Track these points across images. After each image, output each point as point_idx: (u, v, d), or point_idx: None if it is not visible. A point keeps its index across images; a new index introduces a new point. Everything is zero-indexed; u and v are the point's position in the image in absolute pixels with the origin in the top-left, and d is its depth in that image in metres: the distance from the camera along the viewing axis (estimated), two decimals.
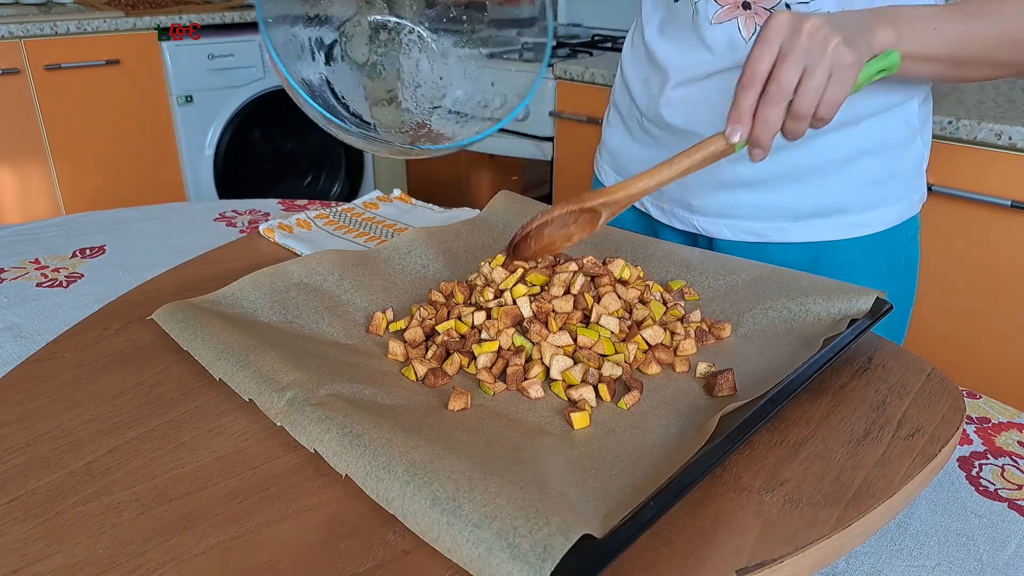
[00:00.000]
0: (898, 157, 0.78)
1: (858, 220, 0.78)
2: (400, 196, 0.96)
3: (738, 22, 0.72)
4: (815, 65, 0.54)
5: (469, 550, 0.37)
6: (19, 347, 0.67)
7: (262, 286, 0.63)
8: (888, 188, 0.78)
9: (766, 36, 0.55)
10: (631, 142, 0.88)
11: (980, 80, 0.70)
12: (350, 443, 0.44)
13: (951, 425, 0.49)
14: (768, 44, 0.55)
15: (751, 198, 0.79)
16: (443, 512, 0.39)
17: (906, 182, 0.79)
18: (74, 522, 0.42)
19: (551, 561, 0.35)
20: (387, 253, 0.72)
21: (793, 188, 0.78)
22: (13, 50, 2.13)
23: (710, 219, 0.82)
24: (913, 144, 0.79)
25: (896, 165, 0.78)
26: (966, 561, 0.45)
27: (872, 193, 0.78)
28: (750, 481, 0.45)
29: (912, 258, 0.84)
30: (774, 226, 0.80)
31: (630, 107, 0.87)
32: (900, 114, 0.76)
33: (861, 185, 0.77)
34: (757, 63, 0.55)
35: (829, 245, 0.79)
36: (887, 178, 0.78)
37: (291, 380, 0.49)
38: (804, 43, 0.54)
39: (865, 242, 0.79)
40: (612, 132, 0.93)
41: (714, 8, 0.72)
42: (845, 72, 0.54)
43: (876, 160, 0.76)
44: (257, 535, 0.41)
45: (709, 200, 0.81)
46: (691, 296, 0.66)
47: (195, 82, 2.45)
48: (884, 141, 0.76)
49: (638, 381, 0.54)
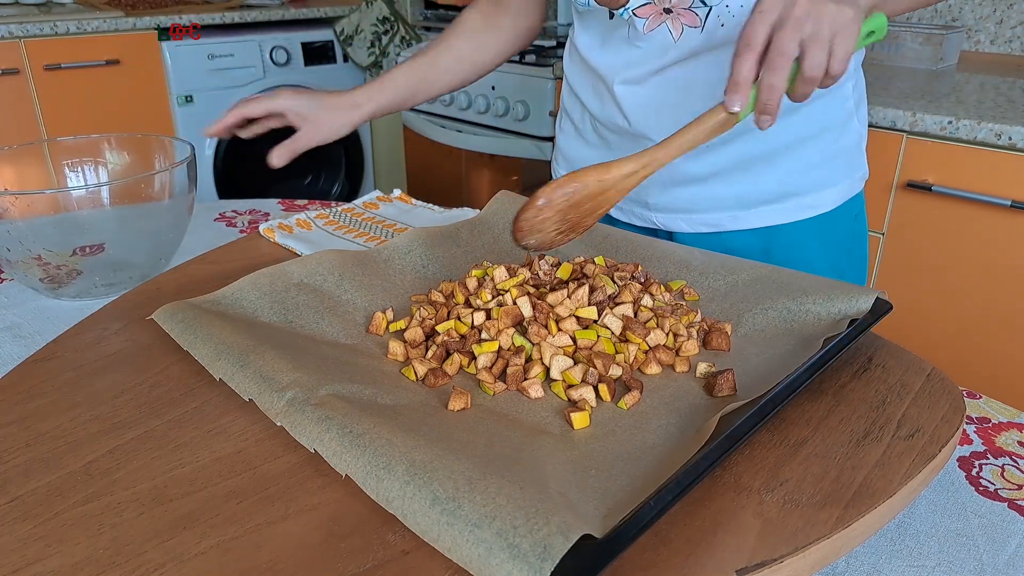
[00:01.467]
0: (837, 138, 0.82)
1: (807, 202, 0.82)
2: (400, 196, 0.96)
3: (667, 25, 0.75)
4: (817, 27, 0.55)
5: (469, 550, 0.37)
6: (19, 347, 0.67)
7: (262, 286, 0.63)
8: (832, 168, 0.82)
9: (761, 8, 0.56)
10: (585, 147, 0.91)
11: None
12: (350, 443, 0.44)
13: (951, 425, 0.49)
14: (763, 15, 0.56)
15: (705, 191, 0.83)
16: (443, 512, 0.39)
17: (847, 161, 0.84)
18: (74, 522, 0.42)
19: (551, 561, 0.35)
20: (387, 253, 0.72)
21: (743, 178, 0.81)
22: (13, 50, 2.13)
23: (667, 215, 0.86)
24: (850, 124, 0.83)
25: (836, 146, 0.82)
26: (966, 561, 0.45)
27: (817, 174, 0.82)
28: (750, 481, 0.45)
29: (860, 235, 0.89)
30: (729, 215, 0.83)
31: (582, 113, 0.90)
32: (835, 98, 0.81)
33: (806, 168, 0.81)
34: (754, 32, 0.56)
35: (781, 229, 0.83)
36: (830, 159, 0.82)
37: (291, 380, 0.49)
38: (799, 11, 0.55)
39: (814, 223, 0.83)
40: (566, 139, 0.95)
41: (641, 21, 0.75)
42: (847, 27, 0.56)
43: (818, 143, 0.81)
44: (257, 535, 0.41)
45: (665, 197, 0.85)
46: (691, 296, 0.66)
47: (195, 82, 2.45)
48: (823, 124, 0.80)
49: (638, 381, 0.54)
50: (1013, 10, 1.72)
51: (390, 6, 2.67)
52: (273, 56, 2.59)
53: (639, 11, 0.75)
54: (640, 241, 0.75)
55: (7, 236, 0.71)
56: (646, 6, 0.74)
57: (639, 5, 0.74)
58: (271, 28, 2.61)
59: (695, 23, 0.73)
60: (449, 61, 0.94)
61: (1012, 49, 1.75)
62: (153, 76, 2.38)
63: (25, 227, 0.71)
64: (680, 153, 0.60)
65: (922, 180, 1.30)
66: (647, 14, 0.74)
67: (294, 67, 2.66)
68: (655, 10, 0.74)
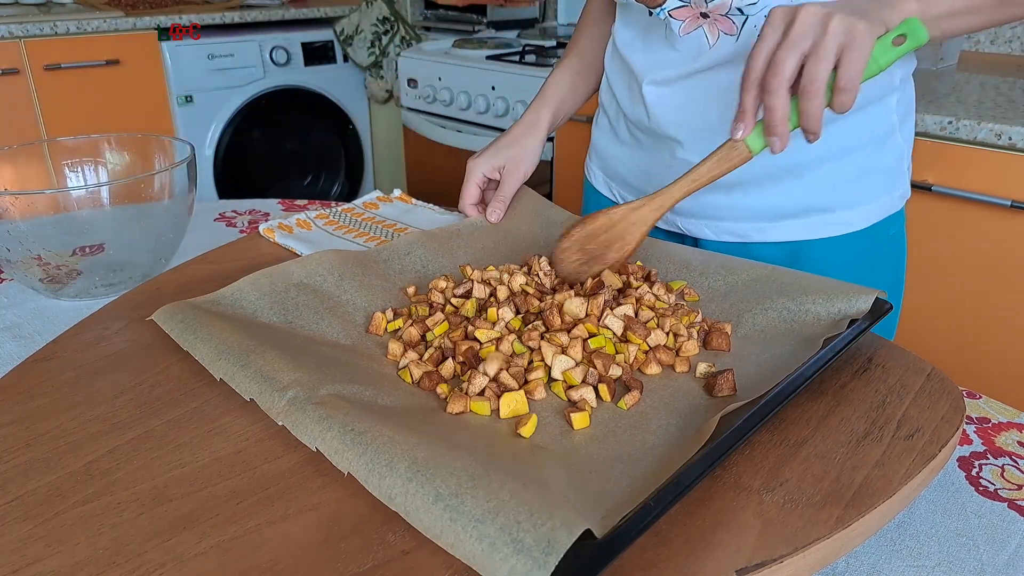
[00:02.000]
0: (877, 154, 0.78)
1: (838, 219, 0.78)
2: (400, 196, 0.96)
3: (703, 30, 0.73)
4: (819, 41, 0.54)
5: (472, 545, 0.37)
6: (19, 347, 0.67)
7: (262, 286, 0.63)
8: (866, 185, 0.78)
9: (763, 32, 0.56)
10: (617, 144, 0.89)
11: (1009, 18, 0.68)
12: (352, 441, 0.44)
13: (951, 425, 0.49)
14: (764, 40, 0.56)
15: (731, 200, 0.80)
16: (446, 508, 0.39)
17: (886, 179, 0.79)
18: (74, 522, 0.42)
19: (555, 555, 0.35)
20: (387, 254, 0.72)
21: (771, 189, 0.78)
22: (13, 50, 2.13)
23: (692, 220, 0.83)
24: (892, 140, 0.78)
25: (874, 162, 0.78)
26: (966, 561, 0.45)
27: (850, 191, 0.78)
28: (750, 481, 0.45)
29: (896, 255, 0.84)
30: (754, 226, 0.80)
31: (616, 110, 0.88)
32: (878, 111, 0.76)
33: (839, 183, 0.77)
34: (753, 60, 0.56)
35: (807, 245, 0.79)
36: (865, 175, 0.78)
37: (292, 380, 0.49)
38: (799, 28, 0.54)
39: (845, 240, 0.79)
40: (600, 135, 0.94)
41: (677, 23, 0.74)
42: (857, 39, 0.54)
43: (854, 158, 0.76)
44: (257, 535, 0.41)
45: (690, 201, 0.82)
46: (691, 297, 0.66)
47: (195, 82, 2.45)
48: (861, 139, 0.76)
49: (638, 381, 0.54)
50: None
51: (390, 6, 2.67)
52: (273, 56, 2.59)
53: (675, 13, 0.73)
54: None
55: (7, 236, 0.71)
56: (683, 8, 0.72)
57: (676, 7, 0.72)
58: (271, 28, 2.62)
59: (731, 30, 0.71)
60: (594, 48, 0.93)
61: (1012, 49, 1.75)
62: (153, 76, 2.38)
63: (25, 227, 0.71)
64: (694, 188, 0.63)
65: (922, 180, 1.30)
66: (683, 16, 0.73)
67: (294, 67, 2.66)
68: (692, 13, 0.72)
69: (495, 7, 2.53)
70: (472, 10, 2.56)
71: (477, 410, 0.51)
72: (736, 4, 0.69)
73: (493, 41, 2.30)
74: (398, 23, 2.69)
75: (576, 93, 0.92)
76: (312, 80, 2.72)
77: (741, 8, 0.69)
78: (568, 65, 0.92)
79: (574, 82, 0.91)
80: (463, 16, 2.58)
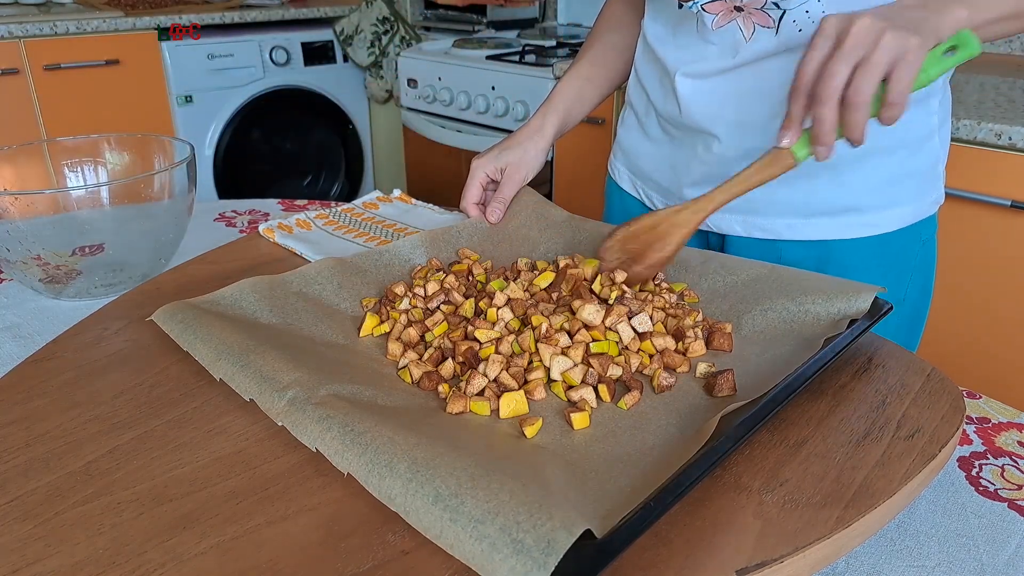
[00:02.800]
0: (913, 156, 0.77)
1: (869, 220, 0.77)
2: (400, 196, 0.96)
3: (737, 23, 0.72)
4: (869, 54, 0.53)
5: (472, 546, 0.37)
6: (19, 347, 0.67)
7: (261, 289, 0.63)
8: (902, 188, 0.77)
9: (814, 41, 0.55)
10: (646, 141, 0.89)
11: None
12: (352, 441, 0.44)
13: (951, 425, 0.49)
14: (815, 49, 0.55)
15: (763, 194, 0.78)
16: (445, 509, 0.39)
17: (921, 182, 0.79)
18: (74, 522, 0.42)
19: (555, 556, 0.35)
20: (388, 257, 0.72)
21: (806, 185, 0.77)
22: (13, 50, 2.13)
23: (723, 215, 0.82)
24: (930, 143, 0.78)
25: (911, 164, 0.77)
26: (966, 561, 0.45)
27: (885, 192, 0.77)
28: (750, 481, 0.45)
29: (927, 261, 0.83)
30: (785, 223, 0.79)
31: (647, 106, 0.88)
32: (918, 112, 0.76)
33: (874, 184, 0.76)
34: (805, 67, 0.55)
35: (839, 244, 0.78)
36: (901, 177, 0.77)
37: (292, 380, 0.49)
38: (852, 40, 0.54)
39: (876, 242, 0.78)
40: (627, 132, 0.93)
41: (710, 17, 0.73)
42: (910, 53, 0.54)
43: (891, 159, 0.76)
44: (257, 535, 0.41)
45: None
46: (691, 298, 0.66)
47: (195, 82, 2.45)
48: (901, 139, 0.75)
49: (638, 381, 0.54)
50: None
51: (390, 6, 2.67)
52: (273, 56, 2.59)
53: (708, 7, 0.72)
54: None
55: (7, 236, 0.71)
56: (716, 2, 0.71)
57: (708, 0, 0.71)
58: (271, 28, 2.62)
59: (767, 23, 0.70)
60: (606, 55, 0.92)
61: (1012, 49, 1.75)
62: (153, 76, 2.38)
63: (25, 227, 0.71)
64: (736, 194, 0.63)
65: None
66: (717, 10, 0.72)
67: (294, 67, 2.66)
68: (725, 7, 0.71)
69: (495, 7, 2.53)
70: (472, 10, 2.56)
71: (477, 410, 0.51)
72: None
73: (493, 41, 2.30)
74: (398, 23, 2.69)
75: (584, 100, 0.92)
76: (312, 80, 2.72)
77: (777, 2, 0.68)
78: (578, 72, 0.92)
79: (583, 89, 0.91)
80: (463, 16, 2.58)
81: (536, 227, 0.80)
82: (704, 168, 0.81)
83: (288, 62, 2.63)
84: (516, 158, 0.84)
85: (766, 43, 0.72)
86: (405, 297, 0.64)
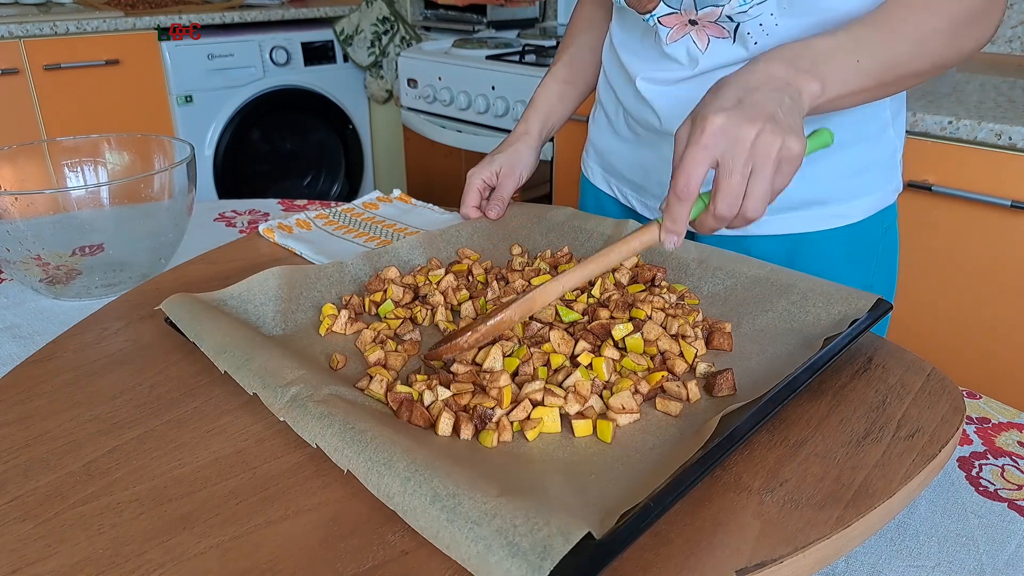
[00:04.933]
0: (872, 148, 0.79)
1: (835, 211, 0.80)
2: (400, 196, 0.96)
3: (691, 37, 0.73)
4: (759, 170, 0.53)
5: (468, 547, 0.37)
6: (19, 347, 0.67)
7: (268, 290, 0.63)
8: (864, 179, 0.80)
9: (703, 143, 0.53)
10: (617, 140, 0.90)
11: (900, 91, 0.71)
12: (352, 439, 0.44)
13: (951, 425, 0.49)
14: (706, 151, 0.53)
15: None
16: (443, 509, 0.38)
17: (881, 172, 0.81)
18: (74, 522, 0.42)
19: (551, 561, 0.35)
20: (388, 258, 0.72)
21: None
22: (13, 50, 2.13)
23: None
24: (886, 135, 0.80)
25: (871, 156, 0.79)
26: (966, 561, 0.45)
27: (848, 184, 0.79)
28: (750, 481, 0.45)
29: (890, 248, 0.86)
30: None
31: (616, 106, 0.89)
32: (872, 107, 0.77)
33: (837, 177, 0.79)
34: (692, 174, 0.53)
35: (807, 236, 0.81)
36: (863, 169, 0.79)
37: (295, 377, 0.49)
38: (745, 154, 0.53)
39: (842, 233, 0.80)
40: (598, 130, 0.94)
41: (665, 30, 0.74)
42: (791, 164, 0.54)
43: (851, 152, 0.78)
44: (257, 535, 0.41)
45: None
46: (691, 300, 0.66)
47: (195, 82, 2.45)
48: (859, 133, 0.77)
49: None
50: (1013, 10, 1.72)
51: (390, 6, 2.67)
52: (273, 56, 2.59)
53: (664, 19, 0.73)
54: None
55: (7, 236, 0.71)
56: (671, 15, 0.72)
57: (665, 13, 0.72)
58: (271, 28, 2.61)
59: (723, 34, 0.71)
60: (583, 56, 0.94)
61: (1012, 49, 1.75)
62: (153, 76, 2.38)
63: (25, 227, 0.71)
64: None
65: (922, 180, 1.30)
66: (671, 24, 0.73)
67: (294, 67, 2.66)
68: (680, 20, 0.72)
69: (495, 7, 2.53)
70: (472, 10, 2.56)
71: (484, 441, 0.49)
72: (726, 12, 0.69)
73: (493, 41, 2.30)
74: (398, 23, 2.69)
75: (565, 102, 0.93)
76: (312, 80, 2.72)
77: (730, 15, 0.69)
78: (556, 75, 0.93)
79: (562, 91, 0.92)
80: (463, 16, 2.58)
81: (536, 228, 0.80)
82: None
83: (288, 62, 2.63)
84: (508, 159, 0.86)
85: (724, 53, 0.73)
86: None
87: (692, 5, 0.70)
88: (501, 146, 0.88)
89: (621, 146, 0.89)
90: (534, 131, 0.89)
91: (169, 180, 0.78)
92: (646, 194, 0.87)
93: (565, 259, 0.72)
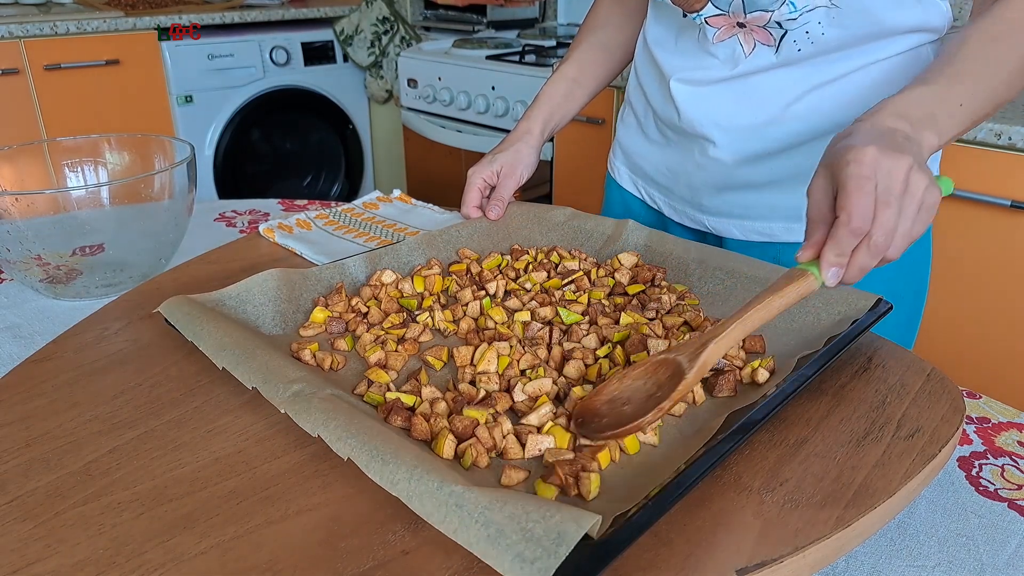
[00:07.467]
0: None
1: None
2: (400, 196, 0.96)
3: (738, 39, 0.73)
4: (905, 208, 0.51)
5: (478, 531, 0.36)
6: (19, 347, 0.67)
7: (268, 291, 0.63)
8: None
9: (865, 174, 0.50)
10: (646, 143, 0.89)
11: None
12: (356, 430, 0.43)
13: (951, 425, 0.49)
14: (870, 181, 0.50)
15: (760, 198, 0.79)
16: (451, 494, 0.38)
17: None
18: (74, 522, 0.42)
19: (566, 546, 0.34)
20: (388, 259, 0.71)
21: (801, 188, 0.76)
22: (13, 50, 2.13)
23: (720, 219, 0.83)
24: None
25: None
26: (966, 561, 0.45)
27: None
28: (750, 481, 0.45)
29: (920, 260, 0.84)
30: (783, 226, 0.80)
31: (646, 108, 0.88)
32: None
33: None
34: (867, 204, 0.50)
35: None
36: None
37: (298, 375, 0.49)
38: (900, 186, 0.50)
39: None
40: (627, 132, 0.93)
41: (712, 30, 0.74)
42: (929, 212, 0.52)
43: None
44: (257, 535, 0.41)
45: (719, 200, 0.82)
46: (691, 300, 0.66)
47: (195, 82, 2.45)
48: None
49: None
50: None
51: (390, 6, 2.67)
52: (273, 56, 2.59)
53: (712, 20, 0.73)
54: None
55: (7, 236, 0.71)
56: (719, 16, 0.72)
57: (713, 14, 0.72)
58: (271, 28, 2.61)
59: (768, 41, 0.71)
60: (593, 54, 0.93)
61: None
62: (153, 76, 2.38)
63: (25, 227, 0.71)
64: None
65: None
66: (719, 24, 0.73)
67: (294, 67, 2.66)
68: (728, 22, 0.72)
69: (495, 7, 2.53)
70: (472, 10, 2.56)
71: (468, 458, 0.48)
72: (775, 18, 0.69)
73: (493, 41, 2.29)
74: (398, 23, 2.69)
75: (571, 101, 0.92)
76: (312, 80, 2.72)
77: (779, 22, 0.69)
78: (564, 73, 0.92)
79: (569, 90, 0.92)
80: (463, 16, 2.58)
81: (536, 228, 0.80)
82: (702, 174, 0.81)
83: (288, 62, 2.63)
84: (509, 158, 0.85)
85: (765, 59, 0.73)
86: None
87: (741, 8, 0.70)
88: (502, 144, 0.88)
89: (649, 148, 0.89)
90: (536, 130, 0.89)
91: (169, 180, 0.78)
92: (673, 196, 0.87)
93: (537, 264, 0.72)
